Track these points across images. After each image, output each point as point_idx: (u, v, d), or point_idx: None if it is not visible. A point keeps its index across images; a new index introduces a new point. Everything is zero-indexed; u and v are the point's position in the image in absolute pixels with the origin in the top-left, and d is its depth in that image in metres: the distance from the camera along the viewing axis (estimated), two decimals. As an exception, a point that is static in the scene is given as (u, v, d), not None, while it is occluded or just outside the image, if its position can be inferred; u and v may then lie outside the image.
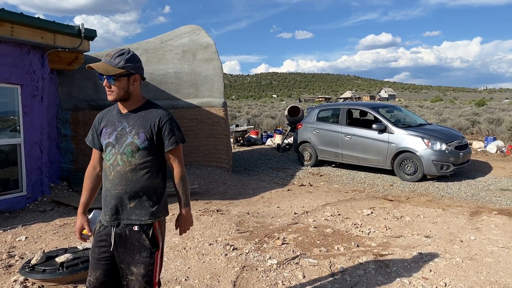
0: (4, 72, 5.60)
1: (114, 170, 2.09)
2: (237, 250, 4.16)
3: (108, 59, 2.05)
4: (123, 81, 2.06)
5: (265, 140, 14.96)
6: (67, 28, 6.18)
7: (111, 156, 2.12)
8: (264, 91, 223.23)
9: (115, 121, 2.15)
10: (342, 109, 9.46)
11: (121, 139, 2.10)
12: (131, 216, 2.10)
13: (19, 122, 5.96)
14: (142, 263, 2.09)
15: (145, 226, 2.10)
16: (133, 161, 2.08)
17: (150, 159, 2.10)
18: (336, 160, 9.46)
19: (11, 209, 5.72)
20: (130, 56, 2.07)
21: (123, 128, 2.11)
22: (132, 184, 2.08)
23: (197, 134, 8.83)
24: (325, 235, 4.70)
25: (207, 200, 6.49)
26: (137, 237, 2.09)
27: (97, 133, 2.22)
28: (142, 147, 2.08)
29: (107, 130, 2.16)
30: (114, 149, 2.11)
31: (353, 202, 6.43)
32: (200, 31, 9.61)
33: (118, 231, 2.10)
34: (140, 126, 2.09)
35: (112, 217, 2.11)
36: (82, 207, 2.26)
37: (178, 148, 2.15)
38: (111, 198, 2.10)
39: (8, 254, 4.16)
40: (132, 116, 2.13)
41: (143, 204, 2.10)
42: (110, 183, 2.11)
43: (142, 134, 2.07)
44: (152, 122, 2.09)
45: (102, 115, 2.25)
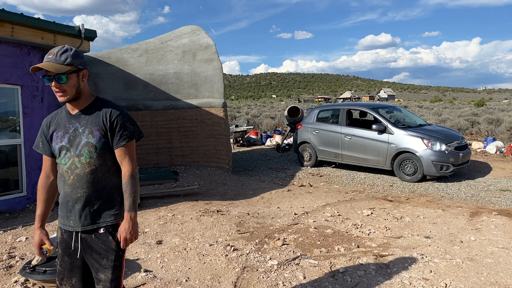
0: (4, 72, 5.60)
1: (73, 174, 2.00)
2: (237, 251, 4.16)
3: (53, 57, 1.93)
4: (73, 79, 1.97)
5: (265, 141, 14.97)
6: (67, 28, 6.18)
7: (67, 160, 2.02)
8: (264, 91, 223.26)
9: (65, 123, 2.05)
10: (342, 110, 9.47)
11: (75, 140, 2.01)
12: (96, 219, 2.03)
13: (18, 123, 5.96)
14: (110, 267, 2.02)
15: (111, 227, 2.04)
16: (91, 161, 2.00)
17: (109, 157, 2.03)
18: (336, 160, 9.47)
19: (11, 210, 5.72)
20: (75, 52, 1.98)
21: (76, 129, 2.02)
22: (94, 186, 2.01)
23: (197, 135, 8.83)
24: (326, 236, 4.71)
25: (207, 200, 6.50)
26: (104, 240, 2.03)
27: (46, 139, 2.10)
28: (99, 146, 2.00)
29: (58, 134, 2.06)
30: (69, 152, 2.02)
31: (353, 202, 6.43)
32: (200, 31, 9.62)
33: (83, 236, 2.03)
34: (93, 124, 2.01)
35: (76, 222, 2.02)
36: (39, 221, 2.10)
37: (129, 144, 2.04)
38: (73, 203, 2.01)
39: (8, 254, 4.16)
40: (83, 115, 2.04)
41: (107, 205, 2.04)
42: (70, 187, 2.01)
43: (97, 132, 1.99)
44: (104, 117, 2.01)
45: (50, 119, 2.13)
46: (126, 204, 2.00)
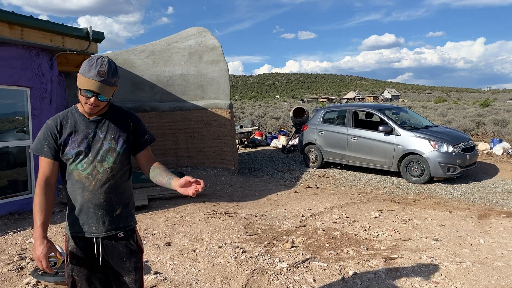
0: (14, 74, 5.64)
1: (95, 179, 1.96)
2: (246, 253, 4.17)
3: (105, 78, 1.85)
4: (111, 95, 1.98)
5: (270, 141, 14.98)
6: (75, 30, 6.21)
7: (86, 166, 1.96)
8: (267, 92, 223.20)
9: (84, 128, 1.98)
10: (348, 111, 9.46)
11: (95, 146, 1.97)
12: (119, 223, 2.03)
13: (26, 124, 5.99)
14: (133, 269, 2.05)
15: (129, 231, 2.08)
16: (114, 167, 2.00)
17: (127, 162, 2.08)
18: (342, 162, 9.47)
19: (20, 211, 5.75)
20: (115, 69, 1.93)
21: (95, 135, 1.99)
22: (115, 191, 2.02)
23: (203, 136, 8.85)
24: (334, 238, 4.71)
25: (214, 202, 6.51)
26: (125, 244, 2.05)
27: (56, 142, 1.96)
28: (121, 151, 2.02)
29: (75, 138, 1.97)
30: (87, 157, 1.96)
31: (360, 204, 6.43)
32: (206, 33, 9.64)
33: (104, 242, 2.00)
34: (115, 130, 2.02)
35: (99, 228, 1.99)
36: (43, 230, 1.86)
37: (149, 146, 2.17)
38: (95, 209, 1.97)
39: (19, 256, 4.19)
40: (102, 121, 2.01)
41: (127, 209, 2.08)
42: (92, 193, 1.96)
43: (120, 138, 2.02)
44: (127, 124, 2.06)
45: (60, 121, 1.99)
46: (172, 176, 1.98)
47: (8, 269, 3.85)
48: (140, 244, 2.15)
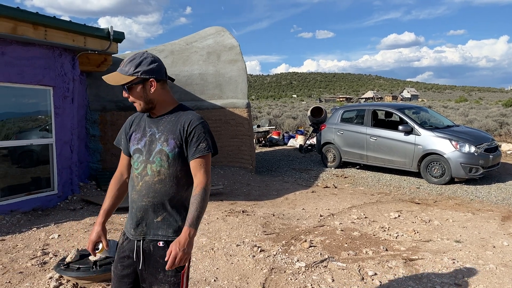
0: (38, 74, 5.77)
1: (142, 180, 1.92)
2: (264, 252, 4.17)
3: (120, 67, 1.88)
4: (138, 89, 1.88)
5: (287, 141, 14.93)
6: (97, 31, 6.32)
7: (139, 165, 1.94)
8: (284, 91, 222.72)
9: (145, 126, 1.98)
10: (367, 110, 9.36)
11: (151, 146, 1.93)
12: (157, 231, 1.91)
13: (49, 122, 6.13)
14: (166, 282, 1.89)
15: (171, 242, 1.87)
16: (162, 170, 1.89)
17: (180, 168, 1.91)
18: (361, 161, 9.37)
19: (44, 207, 5.89)
20: (140, 60, 1.87)
21: (153, 134, 1.94)
22: (160, 196, 1.90)
23: (221, 135, 8.88)
24: (353, 238, 4.66)
25: (232, 200, 6.53)
26: (162, 254, 1.89)
27: (126, 138, 2.05)
28: (171, 155, 1.89)
29: (136, 135, 1.99)
30: (142, 156, 1.94)
31: (379, 205, 6.35)
32: (225, 32, 9.67)
33: (143, 246, 1.93)
34: (169, 132, 1.90)
35: (137, 231, 1.94)
36: (103, 216, 2.00)
37: (206, 157, 1.89)
38: (137, 211, 1.93)
39: (42, 251, 4.28)
40: (163, 121, 1.95)
41: (172, 219, 1.91)
42: (137, 194, 1.93)
43: (172, 141, 1.89)
44: (181, 126, 1.89)
45: (133, 119, 2.07)
46: (188, 217, 1.81)
47: (32, 264, 3.94)
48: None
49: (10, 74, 5.42)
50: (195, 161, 1.89)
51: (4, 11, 4.93)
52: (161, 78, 1.93)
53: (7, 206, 5.44)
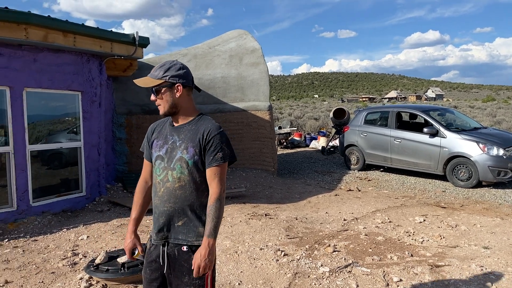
0: (67, 79, 5.96)
1: (164, 186, 2.01)
2: (288, 256, 4.19)
3: (151, 72, 2.02)
4: (165, 93, 1.99)
5: (309, 143, 14.87)
6: (123, 36, 6.48)
7: (161, 171, 2.03)
8: (306, 91, 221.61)
9: (167, 134, 2.07)
10: (391, 112, 9.24)
11: (172, 153, 2.01)
12: (178, 235, 2.00)
13: (77, 124, 6.32)
14: (191, 285, 1.97)
15: (194, 247, 1.98)
16: (182, 177, 1.97)
17: (199, 175, 1.99)
18: (385, 164, 9.26)
19: (73, 209, 6.08)
20: (169, 66, 1.99)
21: (174, 142, 2.02)
22: (181, 202, 1.98)
23: (242, 137, 8.94)
24: (377, 243, 4.63)
25: (255, 203, 6.57)
26: (186, 258, 1.98)
27: (149, 144, 2.15)
28: (191, 163, 1.97)
29: (158, 143, 2.08)
30: (163, 163, 2.03)
31: (404, 208, 6.27)
32: (247, 35, 9.74)
33: (168, 251, 2.01)
34: (189, 140, 1.99)
35: (160, 235, 2.03)
36: (133, 224, 2.13)
37: (221, 166, 1.97)
38: (159, 216, 2.02)
39: (72, 252, 4.43)
40: (183, 129, 2.03)
41: (192, 224, 1.99)
42: (159, 200, 2.02)
43: (191, 149, 1.97)
44: (200, 135, 1.97)
45: (155, 126, 2.17)
46: (206, 228, 1.92)
47: (63, 264, 4.09)
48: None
49: (41, 80, 5.62)
50: (211, 169, 1.97)
51: (37, 20, 5.13)
52: (188, 85, 2.03)
53: (39, 208, 5.64)
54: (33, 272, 3.93)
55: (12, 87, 5.31)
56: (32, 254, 4.39)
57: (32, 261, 4.20)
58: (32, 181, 5.64)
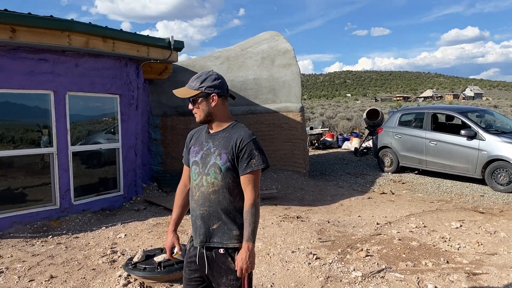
0: (106, 83, 6.21)
1: (199, 191, 2.11)
2: (320, 260, 4.20)
3: (189, 83, 2.12)
4: (201, 103, 2.09)
5: (341, 143, 14.72)
6: (159, 41, 6.67)
7: (196, 176, 2.13)
8: (338, 90, 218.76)
9: (203, 141, 2.17)
10: (426, 114, 9.02)
11: (206, 159, 2.11)
12: (213, 238, 2.09)
13: (115, 125, 6.56)
14: (229, 285, 2.07)
15: (230, 249, 2.08)
16: (216, 182, 2.06)
17: (232, 181, 2.07)
18: (420, 167, 9.05)
19: (111, 207, 6.32)
20: (205, 77, 2.09)
21: (209, 148, 2.12)
22: (215, 206, 2.07)
23: (274, 139, 8.99)
24: (411, 249, 4.56)
25: (286, 205, 6.60)
26: (223, 260, 2.08)
27: (187, 150, 2.26)
28: (224, 169, 2.05)
29: (194, 149, 2.19)
30: (198, 168, 2.13)
31: (439, 213, 6.12)
32: (279, 37, 9.77)
33: (206, 253, 2.11)
34: (222, 147, 2.07)
35: (197, 237, 2.13)
36: (173, 225, 2.28)
37: (255, 173, 2.05)
38: (196, 219, 2.13)
39: (111, 250, 4.62)
40: (218, 136, 2.12)
41: (226, 227, 2.08)
42: (195, 203, 2.13)
43: (224, 155, 2.05)
44: (234, 142, 2.05)
45: (193, 133, 2.28)
46: (245, 233, 2.01)
47: (102, 261, 4.28)
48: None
49: (83, 84, 5.88)
50: (245, 176, 2.06)
51: (79, 27, 5.37)
52: (223, 94, 2.12)
53: (79, 206, 5.91)
54: (76, 268, 4.14)
55: (56, 91, 5.59)
56: (74, 251, 4.62)
57: (74, 257, 4.42)
58: (74, 181, 5.90)
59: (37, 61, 5.38)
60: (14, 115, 5.61)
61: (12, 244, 4.79)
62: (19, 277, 3.92)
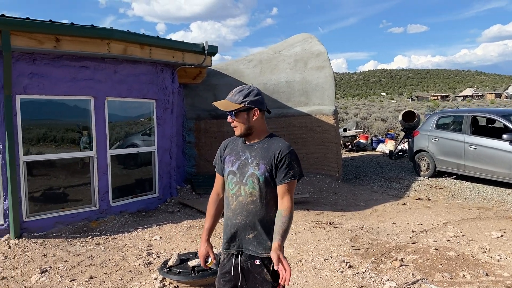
0: (143, 89, 6.40)
1: (236, 200, 2.15)
2: (353, 268, 4.16)
3: (230, 96, 2.16)
4: (242, 116, 2.14)
5: (376, 146, 14.45)
6: (193, 46, 6.80)
7: (234, 186, 2.17)
8: (372, 89, 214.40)
9: (239, 151, 2.21)
10: (465, 116, 8.71)
11: (244, 169, 2.15)
12: (248, 246, 2.13)
13: (150, 126, 6.74)
14: None
15: (266, 260, 2.10)
16: (254, 192, 2.11)
17: (269, 191, 2.12)
18: (458, 171, 8.75)
19: (147, 209, 6.51)
20: (248, 92, 2.15)
21: (246, 158, 2.17)
22: (252, 216, 2.11)
23: (306, 142, 8.95)
24: (448, 259, 4.42)
25: (318, 210, 6.56)
26: (259, 271, 2.11)
27: (221, 159, 2.29)
28: (262, 179, 2.10)
29: (230, 158, 2.23)
30: (235, 178, 2.17)
31: (478, 221, 5.90)
32: (312, 39, 9.71)
33: (241, 263, 2.14)
34: (261, 158, 2.12)
35: (231, 245, 2.17)
36: (206, 234, 2.30)
37: (292, 183, 2.10)
38: (231, 227, 2.17)
39: (147, 252, 4.77)
40: (255, 147, 2.18)
41: (262, 237, 2.11)
42: (232, 212, 2.17)
43: (262, 166, 2.10)
44: (272, 154, 2.11)
45: (228, 143, 2.32)
46: (275, 236, 2.02)
47: (139, 263, 4.42)
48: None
49: (121, 90, 6.09)
50: (283, 186, 2.10)
51: (118, 35, 5.57)
52: (262, 109, 2.20)
53: (117, 208, 6.13)
54: (113, 269, 4.30)
55: (96, 97, 5.82)
56: (112, 252, 4.80)
57: (112, 258, 4.59)
58: (113, 183, 6.12)
59: (78, 69, 5.62)
60: (55, 114, 5.84)
61: (55, 243, 5.03)
62: (61, 276, 4.12)
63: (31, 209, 5.41)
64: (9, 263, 4.42)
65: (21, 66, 5.18)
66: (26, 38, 4.95)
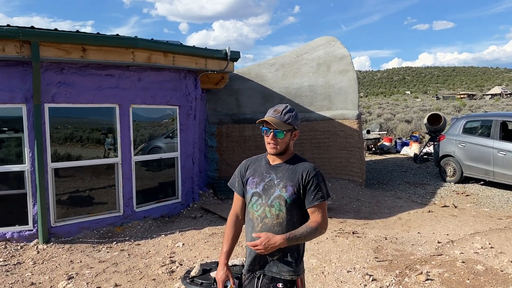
0: (167, 96, 6.47)
1: (262, 222, 2.12)
2: (376, 282, 4.09)
3: (278, 115, 2.11)
4: (287, 136, 2.12)
5: (400, 148, 14.18)
6: (216, 53, 6.83)
7: (258, 207, 2.15)
8: (396, 87, 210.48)
9: (263, 172, 2.19)
10: (494, 121, 8.44)
11: (269, 190, 2.13)
12: (272, 268, 2.12)
13: (172, 130, 6.80)
14: None
15: (288, 283, 2.10)
16: (280, 214, 2.09)
17: (296, 213, 2.11)
18: (486, 178, 8.49)
19: (170, 214, 6.59)
20: (295, 114, 2.17)
21: (271, 180, 2.14)
22: None
23: (329, 146, 8.86)
24: (476, 274, 4.29)
25: (341, 218, 6.49)
26: None
27: (242, 180, 2.26)
28: (289, 201, 2.08)
29: (254, 179, 2.20)
30: (261, 199, 2.14)
31: (508, 232, 5.71)
32: (335, 42, 9.60)
33: (262, 286, 2.13)
34: (288, 179, 2.10)
35: (255, 267, 2.16)
36: (225, 258, 2.24)
37: (322, 204, 2.10)
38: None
39: (170, 259, 4.82)
40: (281, 168, 2.15)
41: (286, 259, 2.10)
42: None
43: (290, 188, 2.08)
44: (300, 175, 2.10)
45: (249, 163, 2.29)
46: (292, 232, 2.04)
47: (162, 271, 4.47)
48: None
49: (145, 97, 6.18)
50: (313, 208, 2.10)
51: (142, 43, 5.65)
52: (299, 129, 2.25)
53: (141, 213, 6.23)
54: (137, 277, 4.37)
55: (121, 104, 5.92)
56: (136, 259, 4.88)
57: (136, 265, 4.66)
58: (137, 189, 6.22)
59: (104, 77, 5.73)
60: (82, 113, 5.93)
61: (81, 249, 5.16)
62: (87, 283, 4.21)
63: (58, 214, 5.56)
64: (37, 269, 4.56)
65: (49, 75, 5.32)
66: (55, 49, 5.09)
